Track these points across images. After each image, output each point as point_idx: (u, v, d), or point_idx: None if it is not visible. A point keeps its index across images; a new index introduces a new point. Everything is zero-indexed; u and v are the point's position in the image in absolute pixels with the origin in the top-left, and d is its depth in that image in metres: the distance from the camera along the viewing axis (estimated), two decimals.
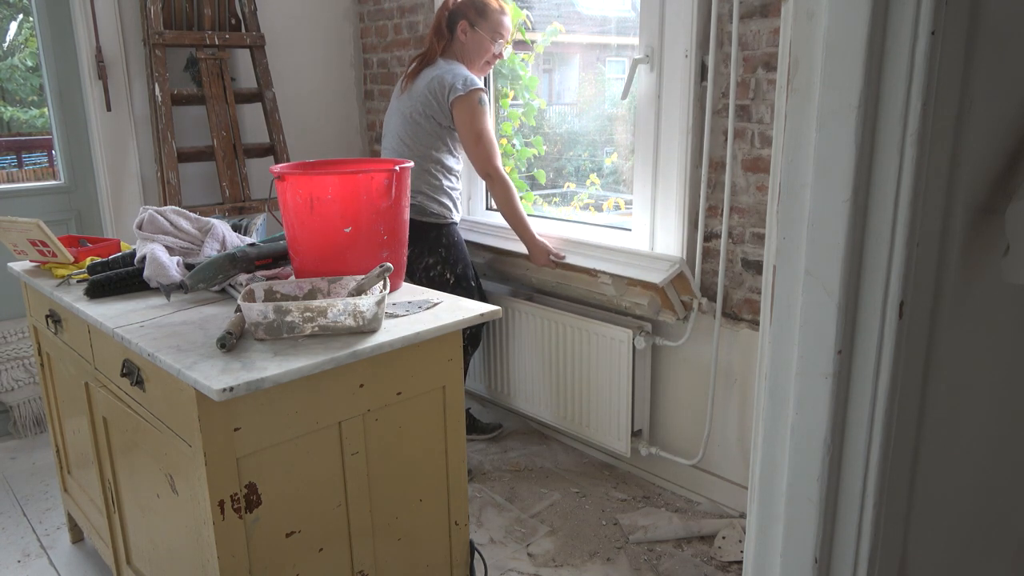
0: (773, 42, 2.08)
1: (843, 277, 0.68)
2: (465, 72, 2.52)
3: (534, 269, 2.67)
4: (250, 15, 3.16)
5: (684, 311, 2.37)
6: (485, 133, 2.50)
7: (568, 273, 2.56)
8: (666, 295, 2.29)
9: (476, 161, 2.53)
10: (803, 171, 0.69)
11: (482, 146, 2.50)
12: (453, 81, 2.48)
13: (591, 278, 2.47)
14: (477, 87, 2.48)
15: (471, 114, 2.48)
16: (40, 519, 2.48)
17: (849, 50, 0.63)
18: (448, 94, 2.48)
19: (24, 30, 3.08)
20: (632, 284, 2.35)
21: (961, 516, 0.90)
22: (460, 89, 2.46)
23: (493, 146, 2.53)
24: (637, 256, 2.40)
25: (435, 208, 2.57)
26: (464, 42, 2.57)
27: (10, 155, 3.10)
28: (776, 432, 0.76)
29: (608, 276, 2.39)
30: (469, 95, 2.46)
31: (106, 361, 1.64)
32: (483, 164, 2.51)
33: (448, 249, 2.59)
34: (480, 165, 2.53)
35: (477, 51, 2.59)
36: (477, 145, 2.50)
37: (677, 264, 2.28)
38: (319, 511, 1.45)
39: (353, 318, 1.44)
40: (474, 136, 2.50)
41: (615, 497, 2.53)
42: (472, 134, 2.50)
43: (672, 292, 2.31)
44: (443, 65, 2.55)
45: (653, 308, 2.35)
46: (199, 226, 1.90)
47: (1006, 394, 0.90)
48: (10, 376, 3.04)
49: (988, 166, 0.74)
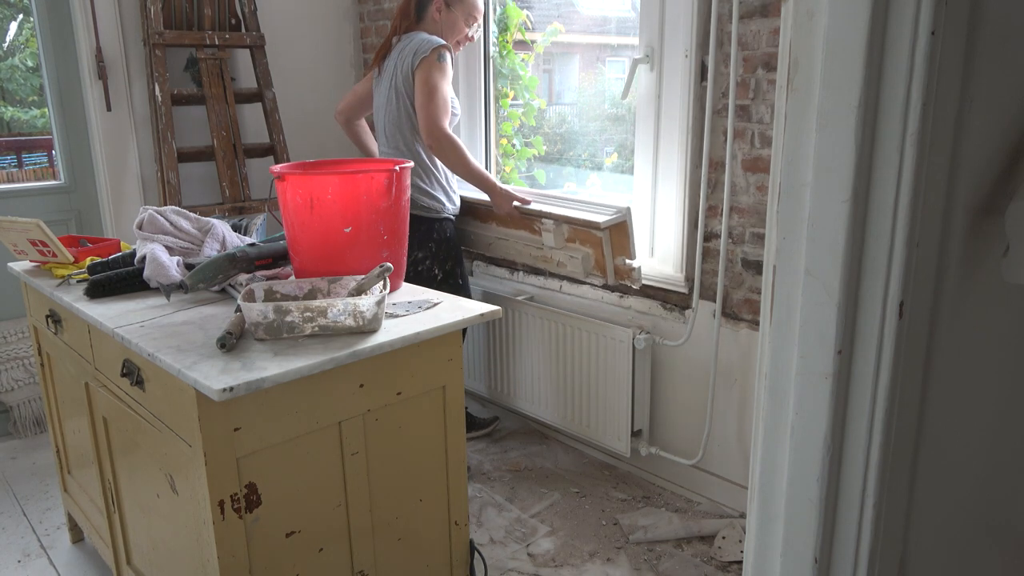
0: (773, 42, 2.08)
1: (843, 277, 0.68)
2: (427, 35, 2.38)
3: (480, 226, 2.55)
4: (250, 15, 3.16)
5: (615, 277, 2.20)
6: (440, 90, 2.30)
7: (507, 231, 2.45)
8: (601, 251, 2.15)
9: (424, 120, 2.31)
10: (803, 171, 0.69)
11: (433, 104, 2.29)
12: (416, 47, 2.34)
13: (532, 234, 2.32)
14: (440, 44, 2.33)
15: (428, 69, 2.30)
16: (40, 519, 2.48)
17: (849, 50, 0.63)
18: (413, 61, 2.34)
19: (24, 30, 3.08)
20: (571, 239, 2.21)
21: (961, 516, 0.90)
22: (423, 52, 2.32)
23: (446, 106, 2.33)
24: (590, 204, 2.28)
25: (426, 201, 2.48)
26: (438, 21, 2.47)
27: (10, 155, 3.10)
28: (776, 432, 0.76)
29: (552, 221, 2.24)
30: (430, 54, 2.31)
31: (106, 361, 1.64)
32: (431, 124, 2.29)
33: (439, 245, 2.50)
34: (427, 124, 2.30)
35: (450, 31, 2.49)
36: (429, 102, 2.29)
37: (623, 212, 2.13)
38: (319, 511, 1.45)
39: (353, 318, 1.44)
40: (427, 91, 2.29)
41: (615, 497, 2.53)
42: (426, 89, 2.29)
43: (608, 249, 2.15)
44: (407, 37, 2.43)
45: (585, 266, 2.19)
46: (199, 226, 1.90)
47: (1006, 394, 0.90)
48: (10, 376, 3.04)
49: (988, 166, 0.74)
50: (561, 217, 2.24)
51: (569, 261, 2.24)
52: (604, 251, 2.16)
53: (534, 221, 2.31)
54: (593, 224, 2.13)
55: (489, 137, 3.14)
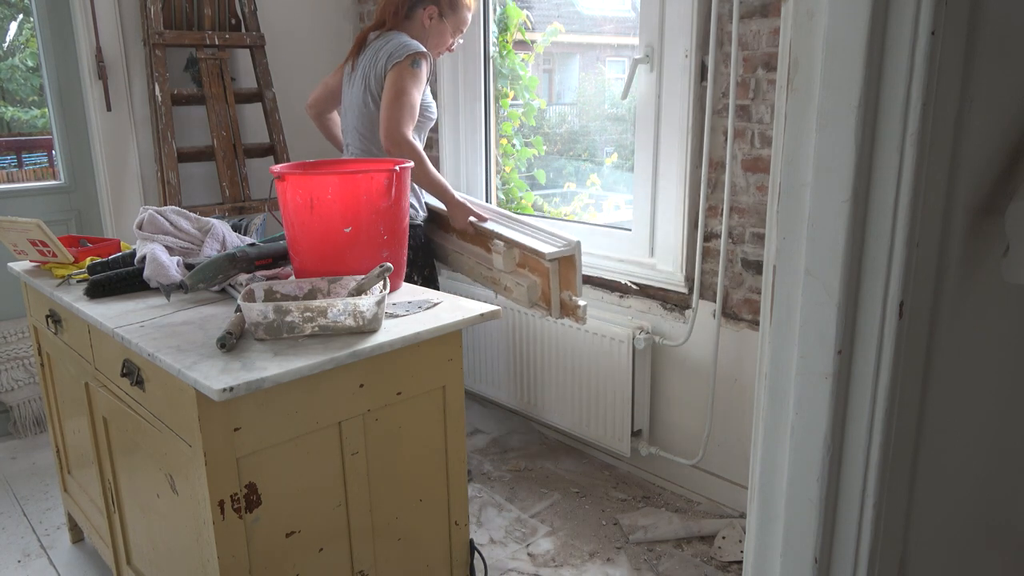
0: (773, 42, 2.08)
1: (843, 277, 0.68)
2: (407, 39, 2.29)
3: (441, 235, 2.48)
4: (250, 15, 3.16)
5: (560, 312, 2.14)
6: (406, 95, 2.20)
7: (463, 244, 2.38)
8: (548, 283, 2.08)
9: (385, 122, 2.20)
10: (803, 171, 0.69)
11: (396, 107, 2.19)
12: (392, 49, 2.25)
13: (486, 253, 2.27)
14: (417, 50, 2.24)
15: (399, 73, 2.21)
16: (40, 519, 2.48)
17: (849, 50, 0.63)
18: (386, 64, 2.25)
19: (24, 30, 3.07)
20: (522, 264, 2.15)
21: (961, 516, 0.90)
22: (397, 56, 2.23)
23: (412, 112, 2.22)
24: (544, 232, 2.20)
25: None
26: (427, 28, 2.39)
27: (10, 155, 3.10)
28: (776, 432, 0.76)
29: (503, 243, 2.18)
30: (404, 59, 2.22)
31: (106, 361, 1.64)
32: (391, 127, 2.19)
33: (415, 251, 2.42)
34: (387, 127, 2.19)
35: (436, 41, 2.42)
36: (392, 104, 2.19)
37: (572, 246, 2.06)
38: (319, 511, 1.45)
39: (353, 318, 1.44)
40: (393, 94, 2.20)
41: (615, 497, 2.53)
42: (392, 91, 2.20)
43: (555, 281, 2.08)
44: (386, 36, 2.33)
45: (531, 295, 2.13)
46: (199, 226, 1.90)
47: (1006, 394, 0.90)
48: (10, 376, 3.04)
49: (988, 166, 0.74)
50: (512, 241, 2.17)
51: (515, 287, 2.16)
52: (551, 283, 2.08)
53: (489, 239, 2.25)
54: (540, 253, 2.06)
55: (489, 137, 3.14)
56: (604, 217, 3.23)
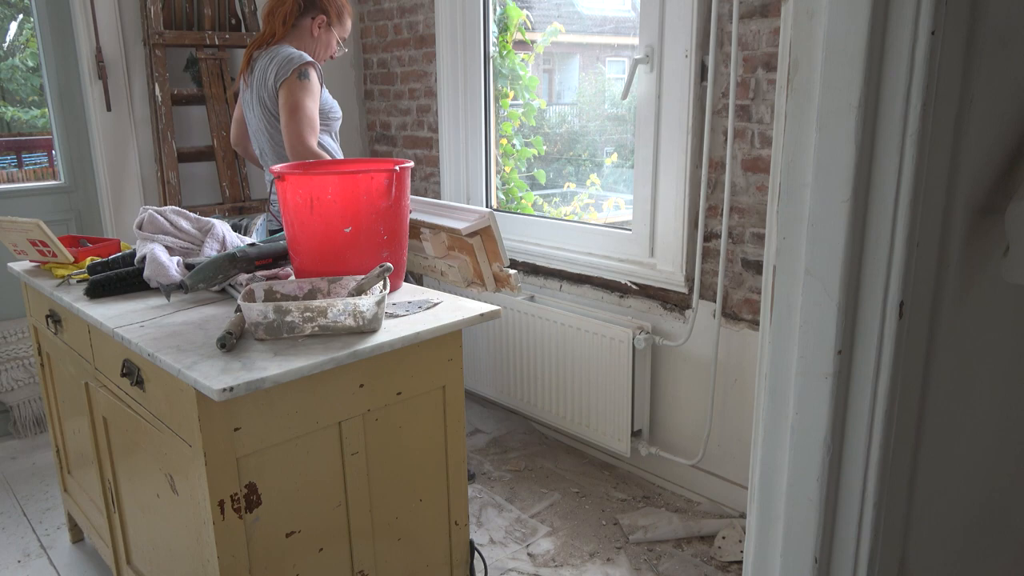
0: (773, 42, 2.08)
1: (843, 277, 0.68)
2: (289, 51, 2.29)
3: None
4: (250, 15, 3.16)
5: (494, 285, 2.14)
6: (301, 107, 2.21)
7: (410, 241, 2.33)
8: (476, 259, 2.08)
9: (288, 138, 2.21)
10: (803, 171, 0.68)
11: (295, 122, 2.20)
12: (276, 67, 2.26)
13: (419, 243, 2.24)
14: (301, 62, 2.25)
15: (289, 88, 2.23)
16: (40, 519, 2.48)
17: (849, 50, 0.63)
18: (275, 84, 2.27)
19: (24, 30, 3.08)
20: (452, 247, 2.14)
21: (961, 516, 0.90)
22: (284, 73, 2.24)
23: (310, 123, 2.23)
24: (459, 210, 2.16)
25: None
26: (315, 37, 2.41)
27: (10, 155, 3.10)
28: (776, 432, 0.76)
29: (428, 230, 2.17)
30: (291, 75, 2.23)
31: (106, 361, 1.64)
32: (294, 142, 2.20)
33: None
34: (291, 143, 2.20)
35: (324, 49, 2.45)
36: (291, 120, 2.20)
37: (485, 217, 2.02)
38: (319, 511, 1.45)
39: (353, 318, 1.44)
40: (289, 110, 2.21)
41: (615, 497, 2.53)
42: (287, 108, 2.21)
43: (482, 256, 2.09)
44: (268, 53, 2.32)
45: (464, 274, 2.14)
46: (199, 226, 1.90)
47: (1006, 394, 0.90)
48: (10, 376, 3.04)
49: (988, 166, 0.74)
50: (433, 225, 2.16)
51: (449, 270, 2.16)
52: (479, 258, 2.08)
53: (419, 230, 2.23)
54: (456, 230, 2.05)
55: (489, 137, 3.14)
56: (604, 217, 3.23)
